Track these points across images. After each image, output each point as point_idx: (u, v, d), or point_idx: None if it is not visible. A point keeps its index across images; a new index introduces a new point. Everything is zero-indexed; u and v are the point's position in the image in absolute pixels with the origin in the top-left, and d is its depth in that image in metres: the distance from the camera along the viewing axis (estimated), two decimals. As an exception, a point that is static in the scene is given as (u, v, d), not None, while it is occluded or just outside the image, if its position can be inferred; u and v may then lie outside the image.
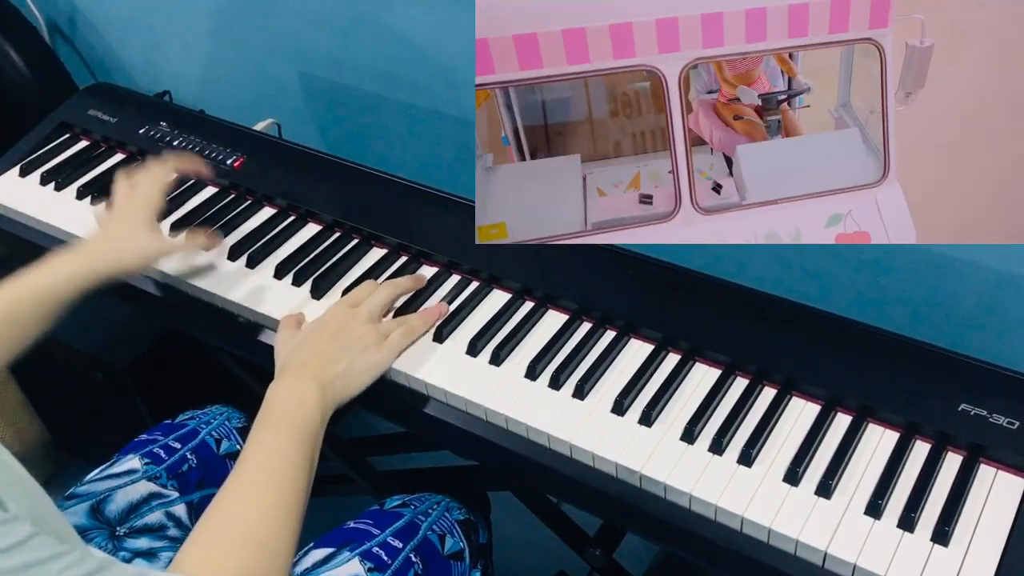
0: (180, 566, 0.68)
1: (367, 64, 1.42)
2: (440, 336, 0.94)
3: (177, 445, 1.03)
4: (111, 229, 0.98)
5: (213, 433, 1.07)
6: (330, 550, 0.91)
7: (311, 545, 0.93)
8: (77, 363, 1.43)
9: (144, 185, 1.01)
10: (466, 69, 1.30)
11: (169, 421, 1.09)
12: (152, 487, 0.99)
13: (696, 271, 0.97)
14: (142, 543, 0.95)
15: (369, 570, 0.89)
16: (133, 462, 1.00)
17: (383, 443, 1.41)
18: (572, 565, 1.23)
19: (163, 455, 1.01)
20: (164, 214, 1.14)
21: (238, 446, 1.07)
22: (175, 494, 0.99)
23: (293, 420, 0.81)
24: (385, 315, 0.96)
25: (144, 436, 1.05)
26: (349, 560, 0.89)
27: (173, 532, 0.98)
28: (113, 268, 0.95)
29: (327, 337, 0.89)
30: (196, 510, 1.00)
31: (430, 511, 0.98)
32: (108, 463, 1.01)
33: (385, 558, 0.90)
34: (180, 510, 0.99)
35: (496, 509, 1.16)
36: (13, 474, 0.61)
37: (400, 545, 0.92)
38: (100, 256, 0.95)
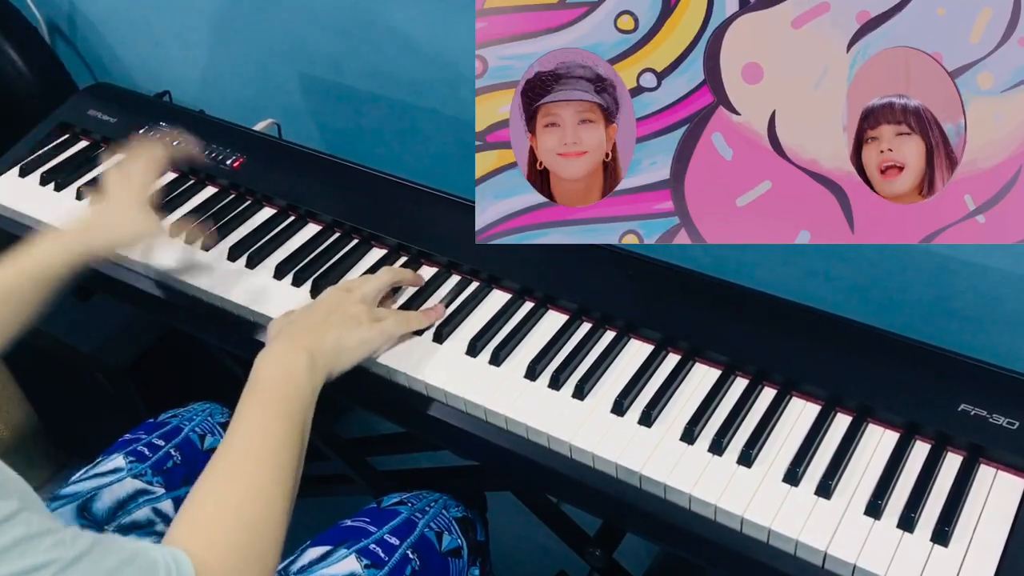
0: (172, 540, 0.67)
1: (367, 64, 1.42)
2: (440, 336, 0.94)
3: (161, 442, 1.03)
4: (104, 208, 0.98)
5: (196, 429, 1.07)
6: (327, 548, 0.91)
7: (308, 543, 0.93)
8: (77, 363, 1.43)
9: (137, 170, 1.01)
10: (466, 69, 1.30)
11: (152, 420, 1.09)
12: (138, 484, 0.99)
13: (696, 271, 0.97)
14: None
15: (366, 567, 0.89)
16: (117, 461, 1.00)
17: (383, 443, 1.41)
18: (572, 565, 1.23)
19: (147, 452, 1.02)
20: (164, 212, 1.14)
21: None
22: (161, 490, 0.99)
23: (282, 391, 0.79)
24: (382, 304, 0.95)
25: (127, 435, 1.05)
26: (346, 557, 0.89)
27: (161, 528, 0.98)
28: (106, 244, 0.95)
29: (319, 314, 0.88)
30: None
31: (427, 508, 0.98)
32: (92, 463, 1.02)
33: (382, 555, 0.90)
34: (167, 506, 0.99)
35: (496, 509, 1.16)
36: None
37: (397, 542, 0.92)
38: (93, 233, 0.95)
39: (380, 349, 0.91)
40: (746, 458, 0.80)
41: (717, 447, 0.81)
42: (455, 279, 1.01)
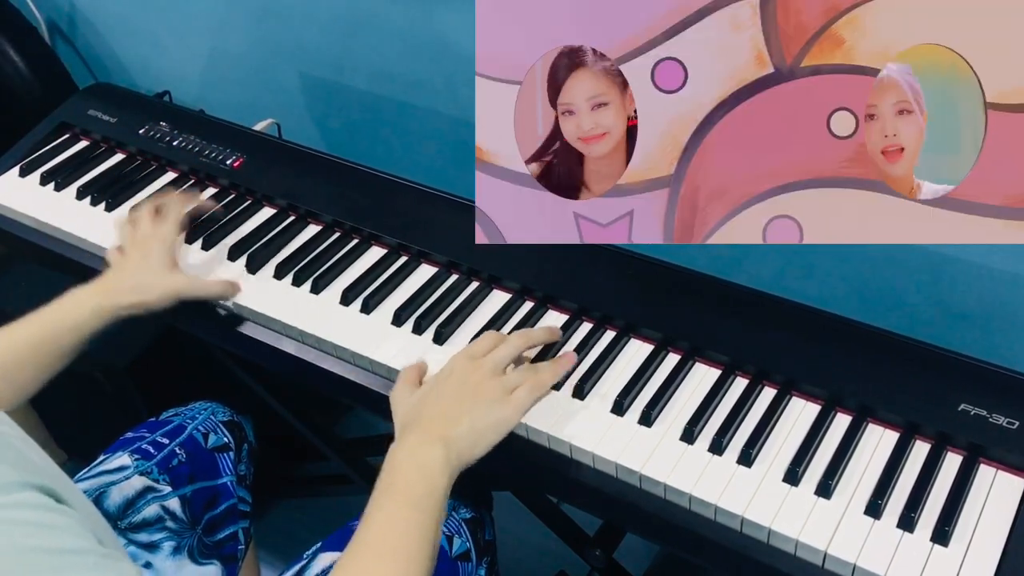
0: None
1: (367, 64, 1.42)
2: (440, 337, 0.94)
3: (165, 441, 1.04)
4: (131, 267, 1.00)
5: (199, 428, 1.07)
6: (338, 554, 0.90)
7: (318, 547, 0.93)
8: (77, 363, 1.43)
9: (155, 224, 1.03)
10: (466, 69, 1.30)
11: (154, 419, 1.09)
12: (146, 481, 0.99)
13: (696, 271, 0.97)
14: (142, 537, 0.97)
15: None
16: (123, 459, 1.01)
17: (383, 443, 1.40)
18: (572, 565, 1.23)
19: (152, 451, 1.02)
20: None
21: (225, 439, 1.08)
22: (168, 488, 1.00)
23: (416, 486, 0.77)
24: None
25: (130, 434, 1.05)
26: None
27: (170, 524, 0.99)
28: (135, 305, 0.97)
29: (449, 393, 0.83)
30: (189, 504, 1.01)
31: None
32: (96, 461, 1.02)
33: None
34: (174, 504, 0.99)
35: (496, 509, 1.16)
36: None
37: None
38: (123, 293, 0.97)
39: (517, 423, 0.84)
40: (746, 458, 0.80)
41: (717, 447, 0.81)
42: (455, 279, 1.01)
